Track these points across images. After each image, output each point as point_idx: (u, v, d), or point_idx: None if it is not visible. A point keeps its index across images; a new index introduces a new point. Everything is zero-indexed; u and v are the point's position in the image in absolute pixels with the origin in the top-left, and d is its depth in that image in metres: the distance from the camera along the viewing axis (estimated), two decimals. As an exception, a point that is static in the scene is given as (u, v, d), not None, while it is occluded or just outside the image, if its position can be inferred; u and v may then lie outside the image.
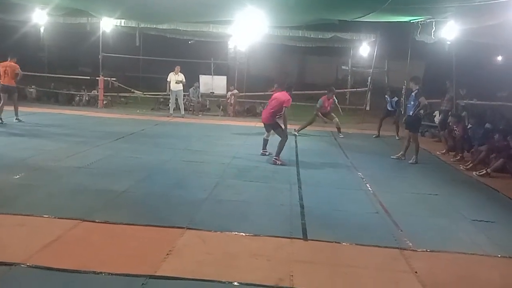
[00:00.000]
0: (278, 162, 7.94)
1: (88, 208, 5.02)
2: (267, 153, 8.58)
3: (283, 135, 8.15)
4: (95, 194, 5.60)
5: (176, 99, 14.07)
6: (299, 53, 24.26)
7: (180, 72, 13.97)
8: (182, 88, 14.04)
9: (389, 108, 11.95)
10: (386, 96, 12.01)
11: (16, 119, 11.02)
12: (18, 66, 11.06)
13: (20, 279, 3.46)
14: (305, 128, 11.74)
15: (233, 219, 4.99)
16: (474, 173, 8.05)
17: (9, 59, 11.00)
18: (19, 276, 3.49)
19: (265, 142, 8.67)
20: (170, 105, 14.27)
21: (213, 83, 15.68)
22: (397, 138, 11.67)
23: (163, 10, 11.18)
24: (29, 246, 3.94)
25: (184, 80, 14.00)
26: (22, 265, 3.60)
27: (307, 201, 5.84)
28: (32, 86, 16.16)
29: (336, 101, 12.23)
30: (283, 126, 8.10)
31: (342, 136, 11.53)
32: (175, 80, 13.84)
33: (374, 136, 11.90)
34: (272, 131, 8.34)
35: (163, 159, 7.77)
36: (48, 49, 20.18)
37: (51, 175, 6.33)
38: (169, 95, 14.21)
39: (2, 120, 10.75)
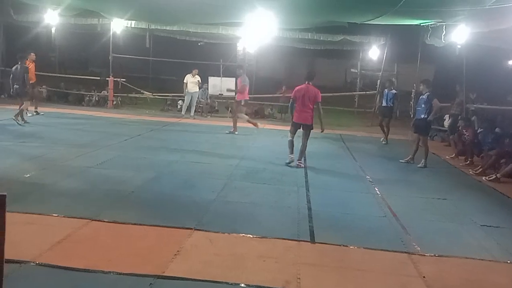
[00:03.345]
0: (301, 165, 7.92)
1: (97, 207, 5.06)
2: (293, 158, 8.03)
3: (308, 138, 8.05)
4: (103, 193, 5.64)
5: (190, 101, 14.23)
6: (308, 56, 24.27)
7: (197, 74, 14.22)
8: (198, 90, 14.32)
9: (383, 104, 11.32)
10: (385, 89, 11.45)
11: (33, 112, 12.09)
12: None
13: (30, 277, 3.49)
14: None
15: (240, 221, 5.00)
16: (483, 178, 7.99)
17: None
18: (29, 274, 3.52)
19: (292, 144, 8.03)
20: (183, 106, 14.46)
21: (221, 85, 15.72)
22: (383, 142, 11.35)
23: (173, 11, 11.25)
24: (39, 245, 3.98)
25: (200, 82, 14.32)
26: (32, 263, 3.64)
27: (314, 203, 5.84)
28: (43, 86, 16.32)
29: (247, 80, 11.34)
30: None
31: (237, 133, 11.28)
32: (192, 82, 14.09)
33: (382, 140, 11.84)
34: (297, 132, 8.04)
35: (172, 160, 7.81)
36: (59, 50, 20.42)
37: (61, 174, 6.39)
38: (183, 96, 14.40)
39: (38, 113, 12.12)
